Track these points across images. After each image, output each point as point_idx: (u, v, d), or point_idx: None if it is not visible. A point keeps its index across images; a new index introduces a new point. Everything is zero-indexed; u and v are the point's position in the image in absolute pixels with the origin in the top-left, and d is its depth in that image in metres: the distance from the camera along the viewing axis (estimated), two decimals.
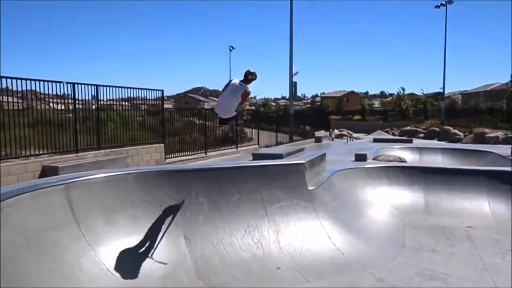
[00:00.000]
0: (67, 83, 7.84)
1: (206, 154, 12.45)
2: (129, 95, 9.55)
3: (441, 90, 43.37)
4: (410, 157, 17.09)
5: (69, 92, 7.88)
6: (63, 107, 8.99)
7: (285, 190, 6.77)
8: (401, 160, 12.37)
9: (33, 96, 8.14)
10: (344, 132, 34.78)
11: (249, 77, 5.52)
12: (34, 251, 4.13)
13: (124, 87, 9.10)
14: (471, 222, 8.11)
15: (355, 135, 34.45)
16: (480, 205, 8.92)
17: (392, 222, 8.06)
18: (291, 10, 20.90)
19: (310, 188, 7.06)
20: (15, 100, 7.99)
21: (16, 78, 7.19)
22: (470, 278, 5.36)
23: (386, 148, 17.83)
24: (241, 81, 5.58)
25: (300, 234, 6.33)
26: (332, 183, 8.30)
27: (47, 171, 6.83)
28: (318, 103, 74.49)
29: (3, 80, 7.05)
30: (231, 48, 55.97)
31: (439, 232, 7.50)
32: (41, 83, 7.51)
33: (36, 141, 7.13)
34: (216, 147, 13.67)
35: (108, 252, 4.90)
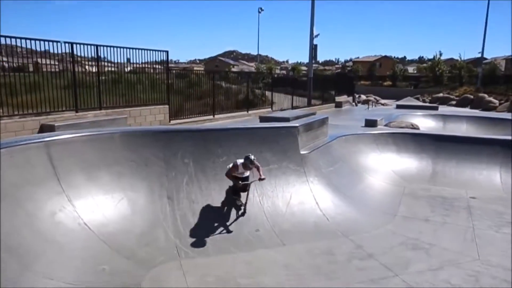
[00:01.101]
0: (65, 42, 7.85)
1: (214, 116, 12.40)
2: (133, 57, 9.50)
3: (480, 55, 40.67)
4: (431, 125, 16.40)
5: (68, 50, 7.88)
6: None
7: (276, 153, 6.65)
8: (414, 127, 11.84)
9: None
10: (371, 98, 33.71)
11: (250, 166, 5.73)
12: (8, 204, 4.26)
13: (127, 48, 9.04)
14: (476, 193, 7.75)
15: (383, 101, 33.28)
16: (491, 176, 8.48)
17: (391, 190, 7.82)
18: None
19: (302, 152, 6.90)
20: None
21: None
22: (454, 249, 5.15)
23: (407, 114, 17.12)
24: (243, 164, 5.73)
25: (287, 198, 6.25)
26: (331, 148, 8.08)
27: (45, 129, 7.01)
28: (348, 68, 72.15)
29: None
30: (260, 10, 54.41)
31: (439, 202, 7.22)
32: (38, 42, 7.47)
33: (35, 99, 7.28)
34: (228, 110, 13.55)
35: (87, 207, 5.01)
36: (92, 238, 4.75)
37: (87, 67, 9.65)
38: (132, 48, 9.60)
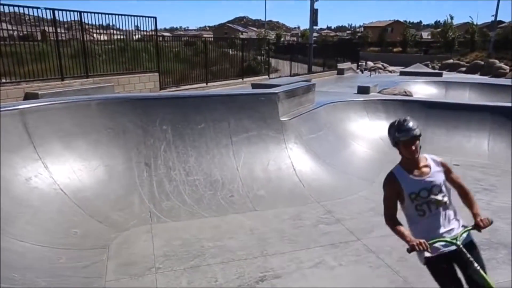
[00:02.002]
0: (46, 8, 7.81)
1: (207, 84, 12.38)
2: (119, 23, 9.43)
3: (493, 19, 39.19)
4: (433, 92, 16.15)
5: (50, 17, 7.87)
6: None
7: (255, 120, 6.68)
8: (407, 94, 11.66)
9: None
10: (379, 65, 33.07)
11: None
12: None
13: (112, 14, 8.98)
14: (461, 161, 7.72)
15: (391, 68, 32.61)
16: (479, 143, 8.44)
17: (375, 157, 7.84)
18: None
19: (283, 119, 6.92)
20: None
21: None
22: None
23: (408, 81, 16.82)
24: None
25: (264, 164, 6.34)
26: (317, 115, 8.07)
27: (29, 97, 7.12)
28: (359, 34, 70.31)
29: None
30: None
31: None
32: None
33: (20, 68, 7.39)
34: (222, 78, 13.50)
35: (63, 174, 5.17)
36: (67, 203, 4.93)
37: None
38: (119, 15, 9.53)
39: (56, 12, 8.04)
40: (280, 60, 22.35)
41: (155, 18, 10.22)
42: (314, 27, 22.97)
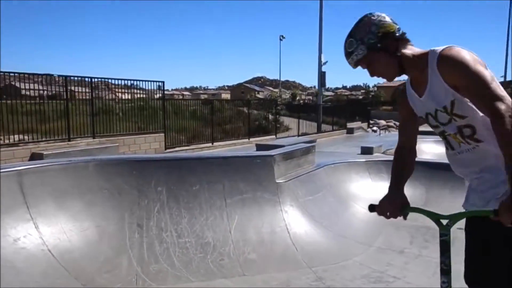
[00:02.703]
0: (59, 76, 8.38)
1: (212, 144, 12.63)
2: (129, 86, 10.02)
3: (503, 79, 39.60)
4: (442, 151, 15.96)
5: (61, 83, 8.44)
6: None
7: (250, 182, 6.70)
8: None
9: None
10: (391, 124, 33.25)
11: None
12: None
13: (123, 79, 9.54)
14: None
15: None
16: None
17: (375, 219, 7.53)
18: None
19: (278, 181, 6.92)
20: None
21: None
22: (417, 284, 4.98)
23: (418, 140, 16.76)
24: None
25: (257, 228, 6.26)
26: (316, 177, 8.06)
27: (35, 158, 7.41)
28: (372, 93, 71.72)
29: None
30: (281, 38, 55.54)
31: (421, 232, 7.00)
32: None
33: (28, 127, 7.79)
34: (228, 138, 13.81)
35: (53, 234, 5.22)
36: (53, 264, 4.92)
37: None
38: (130, 80, 10.09)
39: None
40: (294, 119, 22.94)
41: (163, 82, 10.81)
42: (325, 87, 23.68)
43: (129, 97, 11.46)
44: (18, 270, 4.56)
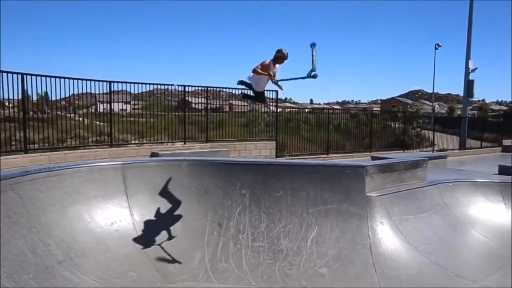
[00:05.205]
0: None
1: (327, 155, 12.23)
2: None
3: None
4: None
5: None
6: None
7: (336, 192, 6.30)
8: None
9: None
10: None
11: (276, 54, 6.13)
12: (77, 210, 5.44)
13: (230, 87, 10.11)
14: None
15: None
16: None
17: (494, 251, 6.28)
18: None
19: (369, 194, 6.32)
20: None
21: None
22: None
23: None
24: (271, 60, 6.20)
25: (337, 241, 5.82)
26: (422, 195, 7.06)
27: (153, 155, 8.49)
28: None
29: None
30: (436, 46, 50.69)
31: None
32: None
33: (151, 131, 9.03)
34: (346, 150, 13.26)
35: (144, 222, 5.89)
36: (137, 248, 5.53)
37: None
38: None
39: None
40: (447, 135, 20.73)
41: (277, 91, 11.10)
42: (499, 99, 20.58)
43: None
44: (107, 248, 5.26)
